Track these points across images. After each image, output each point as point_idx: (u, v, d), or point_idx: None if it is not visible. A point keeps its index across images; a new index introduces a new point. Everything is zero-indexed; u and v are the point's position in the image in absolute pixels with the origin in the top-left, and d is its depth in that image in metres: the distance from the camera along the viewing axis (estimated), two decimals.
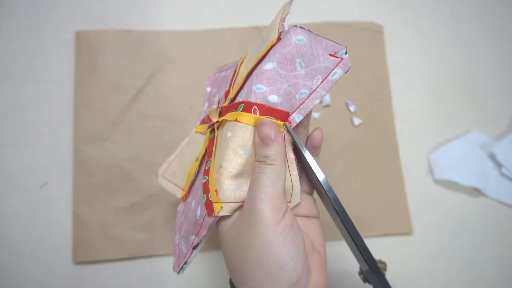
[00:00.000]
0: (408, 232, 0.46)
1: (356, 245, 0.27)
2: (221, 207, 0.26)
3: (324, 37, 0.28)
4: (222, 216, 0.27)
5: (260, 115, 0.26)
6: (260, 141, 0.26)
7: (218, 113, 0.30)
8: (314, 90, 0.27)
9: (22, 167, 0.45)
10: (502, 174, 0.48)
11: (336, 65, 0.27)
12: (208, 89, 0.38)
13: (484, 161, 0.48)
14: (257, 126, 0.26)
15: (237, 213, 0.26)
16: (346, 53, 0.27)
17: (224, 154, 0.27)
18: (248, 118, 0.27)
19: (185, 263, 0.29)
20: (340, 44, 0.27)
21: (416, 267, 0.46)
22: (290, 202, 0.28)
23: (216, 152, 0.28)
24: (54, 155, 0.45)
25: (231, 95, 0.30)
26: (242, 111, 0.27)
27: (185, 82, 0.48)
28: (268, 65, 0.27)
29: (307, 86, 0.27)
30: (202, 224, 0.28)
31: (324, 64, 0.27)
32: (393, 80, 0.50)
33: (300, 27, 0.28)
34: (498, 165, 0.48)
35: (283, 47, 0.27)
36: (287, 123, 0.27)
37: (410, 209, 0.47)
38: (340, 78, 0.27)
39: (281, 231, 0.24)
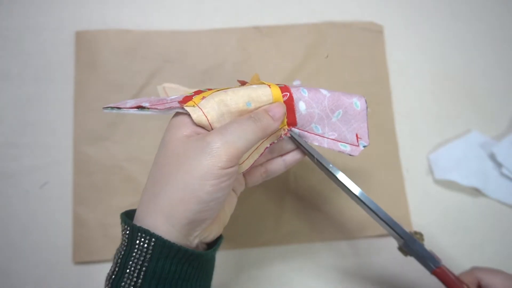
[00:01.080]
0: None
1: (389, 225, 0.32)
2: (194, 106, 0.27)
3: (367, 121, 0.32)
4: (176, 127, 0.27)
5: (284, 102, 0.30)
6: (266, 109, 0.29)
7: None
8: (322, 136, 0.31)
9: (22, 167, 0.45)
10: (502, 174, 0.48)
11: (350, 144, 0.32)
12: None
13: (484, 161, 0.48)
14: (275, 102, 0.29)
15: (193, 132, 0.27)
16: (364, 146, 0.32)
17: (237, 89, 0.29)
18: (275, 92, 0.29)
19: (118, 108, 0.29)
20: (368, 137, 0.32)
21: (416, 267, 0.46)
22: (242, 165, 0.30)
23: (234, 88, 0.30)
24: (54, 155, 0.45)
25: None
26: (280, 87, 0.30)
27: (185, 82, 0.48)
28: (324, 90, 0.31)
29: (324, 129, 0.31)
30: (166, 102, 0.28)
31: (347, 133, 0.31)
32: (393, 80, 0.50)
33: (365, 100, 0.32)
34: (498, 165, 0.48)
35: (344, 95, 0.32)
36: (288, 128, 0.31)
37: (410, 209, 0.47)
38: (343, 152, 0.31)
39: (220, 176, 0.25)
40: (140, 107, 0.28)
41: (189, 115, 0.27)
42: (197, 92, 0.30)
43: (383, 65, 0.50)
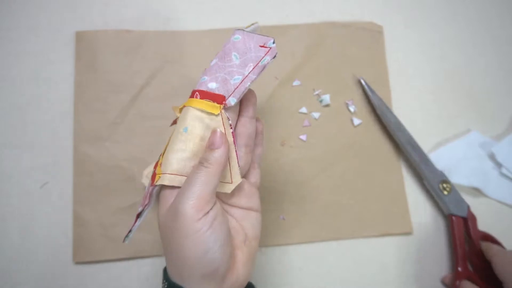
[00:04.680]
0: (408, 232, 0.46)
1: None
2: (160, 176, 0.29)
3: (255, 33, 0.32)
4: (161, 203, 0.29)
5: (200, 98, 0.31)
6: (207, 146, 0.29)
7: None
8: (247, 76, 0.31)
9: (22, 167, 0.45)
10: (502, 174, 0.48)
11: (266, 53, 0.31)
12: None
13: (484, 161, 0.48)
14: (211, 134, 0.30)
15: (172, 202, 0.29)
16: (273, 43, 0.31)
17: (172, 135, 0.31)
18: (189, 102, 0.31)
19: (130, 231, 0.31)
20: (268, 36, 0.32)
21: (416, 267, 0.46)
22: (231, 183, 0.30)
23: (171, 136, 0.31)
24: (54, 155, 0.45)
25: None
26: (189, 97, 0.31)
27: (185, 82, 0.48)
28: (213, 62, 0.32)
29: (240, 73, 0.31)
30: (147, 194, 0.31)
31: (255, 53, 0.32)
32: (393, 80, 0.50)
33: (238, 29, 0.33)
34: (498, 165, 0.48)
35: (224, 45, 0.32)
36: (224, 105, 0.31)
37: (410, 209, 0.47)
38: (268, 63, 0.31)
39: (199, 228, 0.26)
40: (138, 216, 0.31)
41: (164, 186, 0.29)
42: (156, 165, 0.32)
43: (383, 65, 0.50)
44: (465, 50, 0.52)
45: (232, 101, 0.31)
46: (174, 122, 0.34)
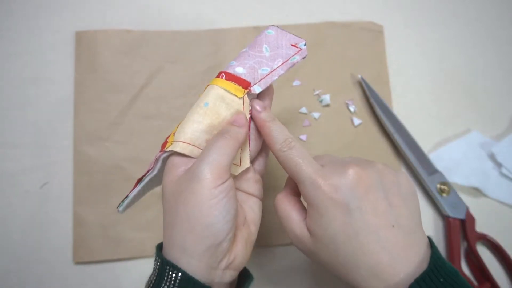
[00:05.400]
0: None
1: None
2: (171, 143, 0.29)
3: (288, 32, 0.35)
4: (169, 170, 0.29)
5: (225, 79, 0.32)
6: (230, 122, 0.30)
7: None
8: (275, 69, 0.33)
9: (22, 167, 0.45)
10: (502, 174, 0.48)
11: (296, 53, 0.34)
12: None
13: (484, 161, 0.48)
14: (235, 114, 0.31)
15: (183, 169, 0.28)
16: (304, 44, 0.34)
17: (192, 108, 0.31)
18: (214, 81, 0.32)
19: (126, 197, 0.31)
20: (301, 38, 0.34)
21: None
22: (239, 166, 0.31)
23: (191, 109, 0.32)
24: (54, 155, 0.45)
25: None
26: (215, 78, 0.32)
27: (185, 82, 0.48)
28: (243, 50, 0.34)
29: (269, 65, 0.33)
30: (153, 161, 0.31)
31: (285, 51, 0.34)
32: (393, 80, 0.50)
33: (273, 25, 0.35)
34: (498, 165, 0.48)
35: (257, 37, 0.34)
36: (247, 90, 0.32)
37: None
38: (297, 62, 0.34)
39: (216, 194, 0.26)
40: (138, 181, 0.31)
41: (174, 154, 0.29)
42: (169, 136, 0.32)
43: (383, 65, 0.50)
44: (465, 50, 0.52)
45: (257, 89, 0.32)
46: None
